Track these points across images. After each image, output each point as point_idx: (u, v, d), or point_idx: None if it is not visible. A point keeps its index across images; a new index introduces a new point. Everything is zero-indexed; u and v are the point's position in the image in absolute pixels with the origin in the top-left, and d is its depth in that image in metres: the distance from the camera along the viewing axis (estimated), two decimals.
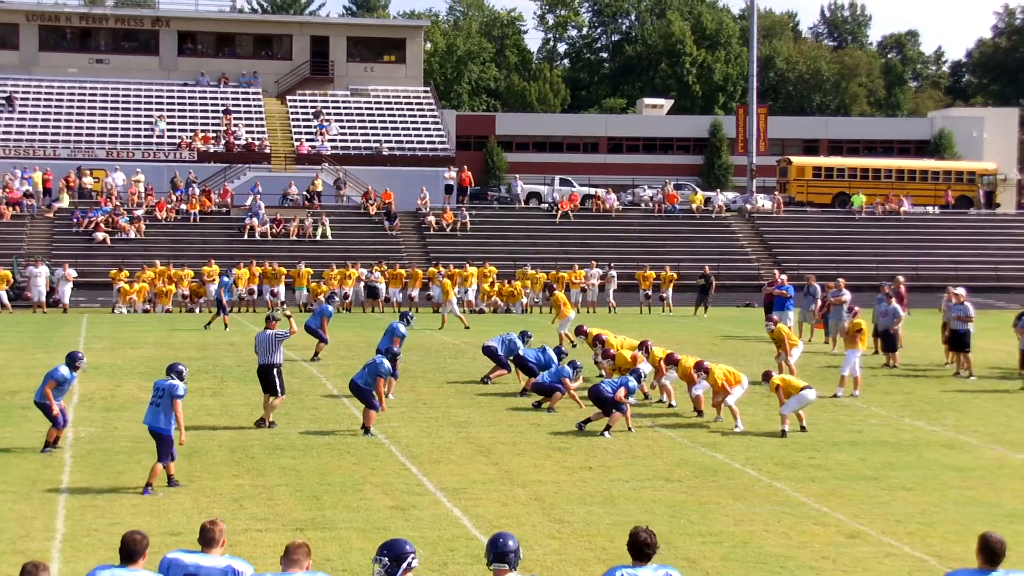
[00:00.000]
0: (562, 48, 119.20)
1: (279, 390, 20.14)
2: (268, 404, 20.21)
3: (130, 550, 8.51)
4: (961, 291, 28.88)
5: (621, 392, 19.99)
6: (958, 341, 27.86)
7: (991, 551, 8.56)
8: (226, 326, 35.96)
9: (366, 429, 19.53)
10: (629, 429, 20.01)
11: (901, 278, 34.15)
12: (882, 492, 16.09)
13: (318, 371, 26.95)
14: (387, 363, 19.86)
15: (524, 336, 25.76)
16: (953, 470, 17.53)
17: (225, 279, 39.59)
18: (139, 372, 26.22)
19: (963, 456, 18.62)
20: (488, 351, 25.72)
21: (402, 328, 24.09)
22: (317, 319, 29.26)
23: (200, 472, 16.75)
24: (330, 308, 30.38)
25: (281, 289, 43.38)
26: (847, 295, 32.50)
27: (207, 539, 8.85)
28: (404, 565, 8.24)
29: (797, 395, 20.07)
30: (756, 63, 69.04)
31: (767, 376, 20.80)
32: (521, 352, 24.84)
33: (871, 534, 14.01)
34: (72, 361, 18.08)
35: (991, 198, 66.00)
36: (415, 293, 44.30)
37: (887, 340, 29.37)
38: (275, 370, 20.10)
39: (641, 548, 8.52)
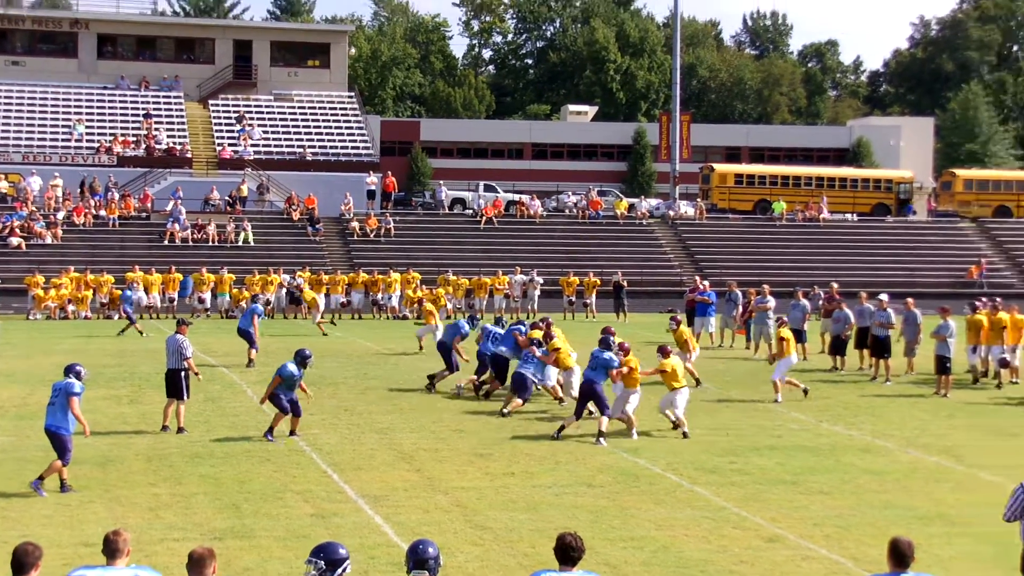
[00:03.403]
0: (487, 54, 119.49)
1: (185, 394, 20.07)
2: (177, 410, 20.11)
3: (21, 562, 8.29)
4: (884, 297, 29.29)
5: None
6: (879, 347, 28.24)
7: (900, 554, 8.77)
8: (141, 333, 35.51)
9: (291, 432, 19.64)
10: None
11: (835, 285, 34.58)
12: (800, 496, 16.26)
13: (239, 378, 26.69)
14: (292, 366, 19.58)
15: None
16: (869, 474, 17.76)
17: (127, 292, 39.17)
18: (53, 379, 25.67)
19: (879, 460, 18.87)
20: (441, 347, 25.90)
21: (466, 327, 25.84)
22: (248, 319, 29.13)
23: (116, 481, 16.51)
24: (260, 307, 30.51)
25: (208, 296, 42.97)
26: (772, 301, 32.86)
27: (111, 550, 8.67)
28: (339, 570, 8.20)
29: (671, 392, 20.33)
30: (679, 71, 69.61)
31: (664, 351, 20.95)
32: (483, 343, 24.95)
33: (789, 538, 14.15)
34: None
35: (907, 205, 66.97)
36: (344, 299, 44.22)
37: (837, 345, 29.77)
38: (182, 374, 20.09)
39: (567, 551, 8.57)
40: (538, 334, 23.74)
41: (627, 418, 20.50)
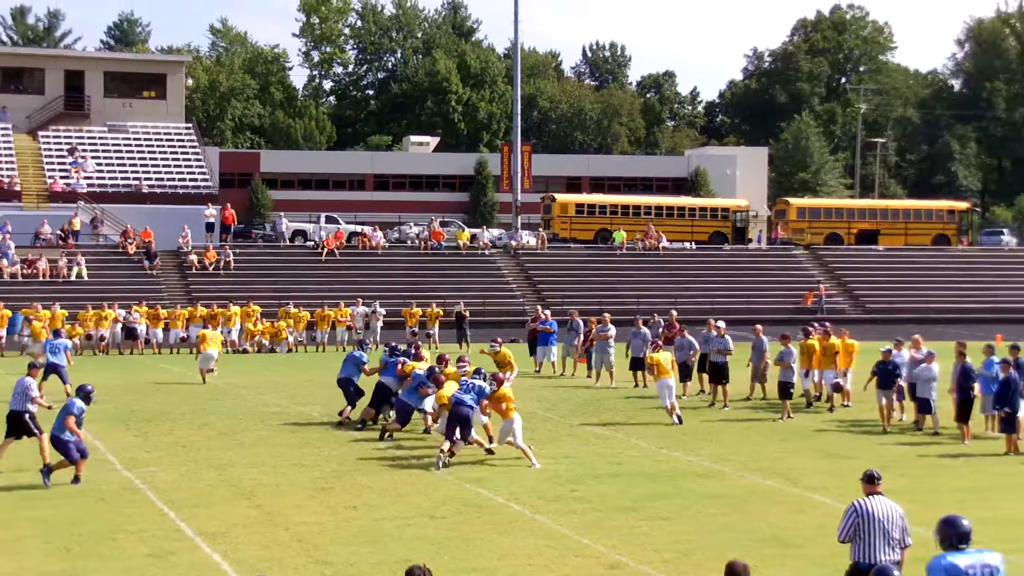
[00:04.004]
0: (328, 85, 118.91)
1: (34, 432, 19.47)
2: (40, 447, 19.38)
3: None
4: (722, 324, 29.82)
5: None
6: (716, 373, 28.77)
7: None
8: None
9: (75, 478, 18.75)
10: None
11: (675, 312, 35.04)
12: (641, 523, 16.42)
13: None
14: (79, 402, 19.11)
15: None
16: (708, 498, 18.05)
17: None
18: None
19: (718, 484, 19.19)
20: (342, 383, 25.53)
21: (365, 356, 25.74)
22: (61, 354, 28.35)
23: None
24: (65, 342, 29.51)
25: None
26: (612, 330, 33.22)
27: None
28: None
29: (507, 421, 20.55)
30: (520, 102, 70.24)
31: (498, 380, 21.12)
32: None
33: (630, 564, 14.26)
34: None
35: (743, 233, 68.66)
36: (182, 334, 43.28)
37: (684, 371, 30.17)
38: (26, 416, 19.54)
39: None
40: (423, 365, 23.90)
41: (522, 450, 20.55)
